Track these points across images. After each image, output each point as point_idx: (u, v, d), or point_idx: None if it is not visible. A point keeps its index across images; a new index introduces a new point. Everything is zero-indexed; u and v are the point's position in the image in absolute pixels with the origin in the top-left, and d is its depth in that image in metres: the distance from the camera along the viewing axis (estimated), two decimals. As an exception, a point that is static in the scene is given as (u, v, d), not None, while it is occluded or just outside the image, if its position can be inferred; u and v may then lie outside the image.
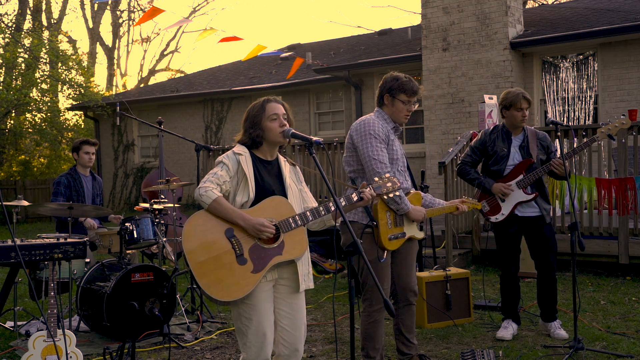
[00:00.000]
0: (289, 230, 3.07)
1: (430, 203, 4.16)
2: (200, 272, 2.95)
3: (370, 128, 3.86)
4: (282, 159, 3.29)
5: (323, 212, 3.12)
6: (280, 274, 3.16)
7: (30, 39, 18.98)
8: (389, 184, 3.29)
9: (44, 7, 24.56)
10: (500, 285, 5.04)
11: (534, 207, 4.82)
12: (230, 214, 2.99)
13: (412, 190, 4.08)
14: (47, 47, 18.41)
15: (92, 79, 21.68)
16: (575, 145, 5.37)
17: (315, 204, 3.31)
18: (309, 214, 3.10)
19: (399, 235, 3.96)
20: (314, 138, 3.07)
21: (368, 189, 3.21)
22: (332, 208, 3.11)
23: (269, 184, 3.15)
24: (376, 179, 3.32)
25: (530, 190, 4.81)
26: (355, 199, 3.18)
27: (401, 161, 4.01)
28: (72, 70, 18.93)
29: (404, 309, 4.15)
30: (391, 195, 3.31)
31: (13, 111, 18.41)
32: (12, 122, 20.01)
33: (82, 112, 20.01)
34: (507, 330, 4.89)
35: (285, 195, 3.17)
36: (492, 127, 4.97)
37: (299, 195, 3.28)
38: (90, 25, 28.74)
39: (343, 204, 3.16)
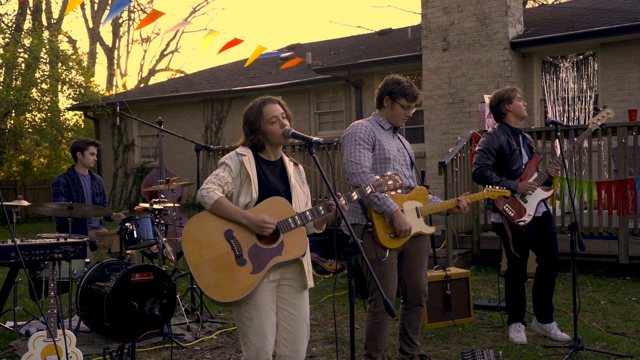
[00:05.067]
0: (288, 231, 3.06)
1: (429, 200, 4.13)
2: (199, 273, 2.96)
3: (351, 133, 3.99)
4: (286, 158, 3.28)
5: (323, 212, 3.10)
6: (284, 274, 3.15)
7: (30, 39, 18.97)
8: (390, 182, 3.27)
9: (44, 7, 24.56)
10: (511, 290, 4.88)
11: (541, 205, 4.79)
12: (232, 213, 3.00)
13: (417, 186, 4.06)
14: (47, 47, 18.40)
15: (92, 79, 21.66)
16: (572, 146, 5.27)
17: (308, 203, 3.31)
18: (308, 213, 3.08)
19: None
20: (314, 138, 3.07)
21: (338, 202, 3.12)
22: (332, 206, 3.10)
23: (273, 183, 3.14)
24: (377, 177, 3.31)
25: (545, 187, 4.76)
26: (354, 197, 3.17)
27: (398, 160, 4.01)
28: (72, 70, 18.92)
29: (413, 310, 4.14)
30: (392, 193, 3.29)
31: (13, 111, 18.41)
32: (12, 122, 20.00)
33: (82, 112, 20.01)
34: (522, 333, 4.83)
35: (289, 195, 3.16)
36: (497, 129, 4.82)
37: (304, 195, 3.27)
38: (90, 25, 28.74)
39: (343, 202, 3.15)
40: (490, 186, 4.29)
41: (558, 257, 4.83)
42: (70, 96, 19.16)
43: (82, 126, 22.46)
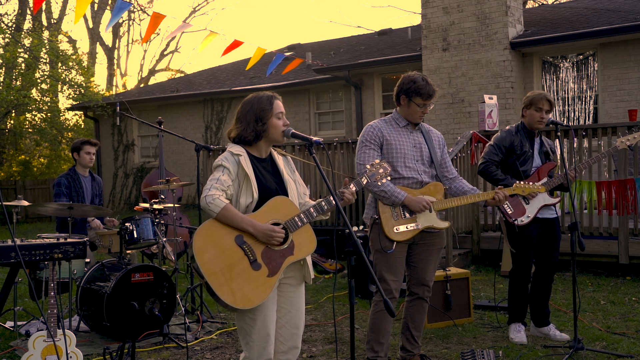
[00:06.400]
0: (296, 230, 3.08)
1: (467, 191, 4.11)
2: (217, 283, 2.93)
3: (362, 136, 4.11)
4: (274, 153, 3.29)
5: (326, 207, 3.13)
6: (286, 273, 3.15)
7: (30, 39, 18.97)
8: (380, 170, 3.37)
9: (44, 7, 24.55)
10: (515, 289, 4.87)
11: (551, 209, 4.80)
12: (239, 221, 2.98)
13: (432, 182, 4.07)
14: (47, 47, 18.40)
15: (92, 79, 21.66)
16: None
17: (305, 191, 3.35)
18: (312, 210, 3.10)
19: (409, 227, 3.95)
20: (314, 138, 3.08)
21: (348, 189, 3.19)
22: (334, 202, 3.13)
23: (270, 182, 3.15)
24: (368, 166, 3.40)
25: (551, 194, 4.77)
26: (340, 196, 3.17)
27: (411, 156, 4.04)
28: (72, 70, 18.93)
29: (415, 303, 4.16)
30: (384, 180, 3.37)
31: (13, 111, 18.41)
32: (12, 122, 20.00)
33: (82, 112, 20.02)
34: (522, 333, 4.83)
35: (285, 191, 3.17)
36: (514, 127, 4.88)
37: (300, 185, 3.30)
38: (90, 25, 28.74)
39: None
40: (521, 182, 4.30)
41: (557, 262, 4.83)
42: (70, 96, 19.17)
43: (82, 126, 22.46)
